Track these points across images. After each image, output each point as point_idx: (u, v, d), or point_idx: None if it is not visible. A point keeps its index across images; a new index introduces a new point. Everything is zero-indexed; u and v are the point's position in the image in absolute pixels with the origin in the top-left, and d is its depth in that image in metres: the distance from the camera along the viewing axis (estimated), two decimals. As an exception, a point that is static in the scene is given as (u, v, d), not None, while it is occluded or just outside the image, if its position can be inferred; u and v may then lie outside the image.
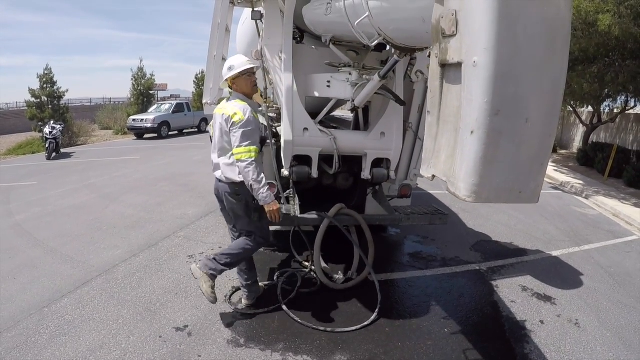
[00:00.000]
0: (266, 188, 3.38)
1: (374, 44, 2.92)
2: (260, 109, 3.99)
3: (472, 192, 1.89)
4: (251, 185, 3.35)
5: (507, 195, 2.03)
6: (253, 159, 3.33)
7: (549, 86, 2.02)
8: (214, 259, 3.65)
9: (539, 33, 1.88)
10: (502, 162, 1.92)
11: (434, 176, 2.19)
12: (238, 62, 3.53)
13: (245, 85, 3.55)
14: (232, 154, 3.43)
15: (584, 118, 15.71)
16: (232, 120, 3.38)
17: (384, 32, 2.64)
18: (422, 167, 2.28)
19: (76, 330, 3.53)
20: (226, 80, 3.60)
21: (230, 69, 3.53)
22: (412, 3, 2.32)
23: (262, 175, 3.38)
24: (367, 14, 2.57)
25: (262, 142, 3.66)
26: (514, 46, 1.82)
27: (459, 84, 1.96)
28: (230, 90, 3.67)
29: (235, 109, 3.41)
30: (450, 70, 2.05)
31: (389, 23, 2.56)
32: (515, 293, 4.47)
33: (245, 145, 3.33)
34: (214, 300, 3.57)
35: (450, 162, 2.04)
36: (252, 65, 3.55)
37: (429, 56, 2.20)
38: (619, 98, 12.63)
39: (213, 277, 3.62)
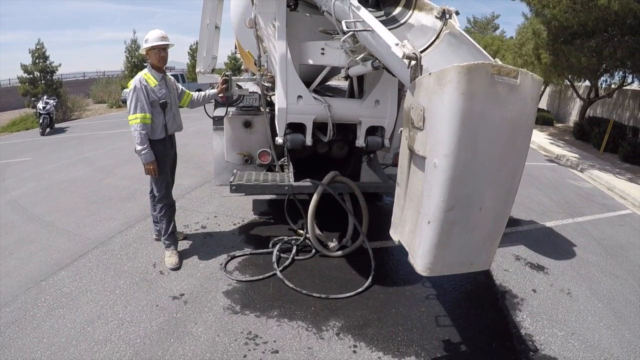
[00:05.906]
0: (146, 150, 3.86)
1: (358, 58, 3.15)
2: (254, 77, 3.96)
3: (426, 268, 2.15)
4: (135, 147, 3.88)
5: (459, 267, 2.29)
6: (138, 124, 3.81)
7: (506, 177, 2.15)
8: (158, 231, 4.46)
9: (500, 134, 1.97)
10: (455, 245, 2.14)
11: (399, 241, 2.46)
12: (152, 37, 3.94)
13: (154, 58, 3.98)
14: None
15: (581, 92, 15.64)
16: (126, 89, 3.84)
17: (368, 49, 2.85)
18: (390, 229, 2.55)
19: (74, 302, 3.55)
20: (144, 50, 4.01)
21: (145, 41, 3.97)
22: (391, 58, 2.39)
23: (143, 137, 3.83)
24: (351, 32, 2.73)
25: (163, 106, 3.97)
26: (473, 150, 1.91)
27: (423, 172, 2.11)
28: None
29: (133, 79, 3.89)
30: (417, 157, 2.19)
31: (371, 48, 2.73)
32: (508, 262, 4.53)
33: (132, 113, 3.83)
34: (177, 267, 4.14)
35: (411, 236, 2.28)
36: (162, 43, 3.95)
37: (401, 132, 2.35)
38: (616, 73, 12.55)
39: (169, 247, 4.24)
